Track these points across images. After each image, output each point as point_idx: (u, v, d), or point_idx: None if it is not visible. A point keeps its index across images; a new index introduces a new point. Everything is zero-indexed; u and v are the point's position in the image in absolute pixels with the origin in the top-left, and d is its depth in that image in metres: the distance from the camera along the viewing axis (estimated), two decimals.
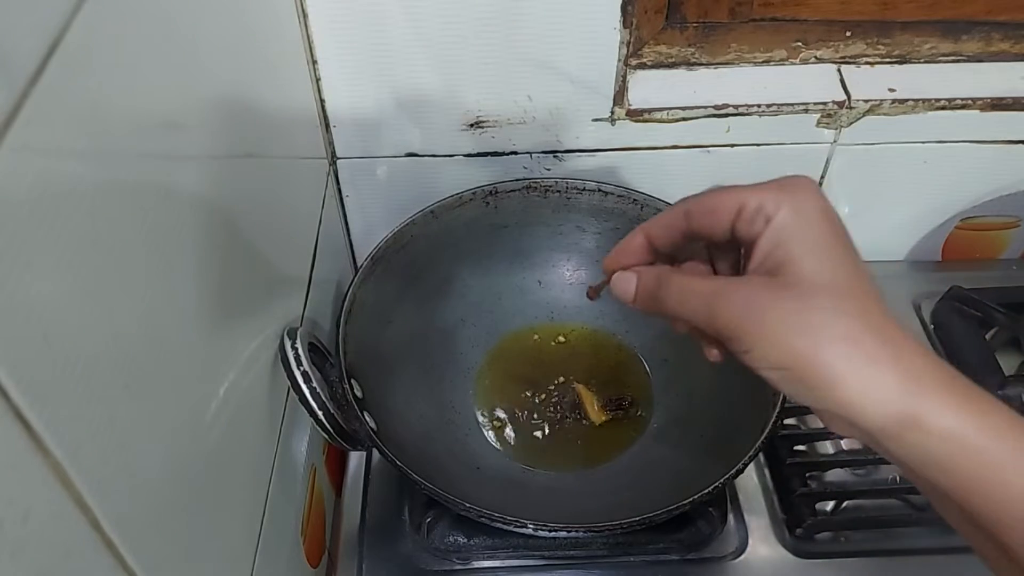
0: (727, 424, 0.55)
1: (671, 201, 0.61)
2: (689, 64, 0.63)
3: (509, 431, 0.61)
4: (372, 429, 0.50)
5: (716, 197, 0.34)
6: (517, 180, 0.63)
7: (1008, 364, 0.65)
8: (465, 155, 0.64)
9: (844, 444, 0.62)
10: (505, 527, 0.47)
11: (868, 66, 0.64)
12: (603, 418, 0.61)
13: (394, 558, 0.56)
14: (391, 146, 0.63)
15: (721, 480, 0.48)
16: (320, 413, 0.47)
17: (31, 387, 0.22)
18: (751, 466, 0.52)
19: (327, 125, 0.61)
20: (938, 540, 0.57)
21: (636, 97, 0.62)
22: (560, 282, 0.67)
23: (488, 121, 0.62)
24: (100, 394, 0.26)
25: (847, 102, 0.62)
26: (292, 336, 0.47)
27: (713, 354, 0.37)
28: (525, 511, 0.48)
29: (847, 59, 0.64)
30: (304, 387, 0.46)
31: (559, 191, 0.63)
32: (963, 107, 0.63)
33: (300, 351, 0.46)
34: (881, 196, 0.70)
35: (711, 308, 0.33)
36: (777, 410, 0.50)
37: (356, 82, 0.59)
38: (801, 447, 0.62)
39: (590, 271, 0.67)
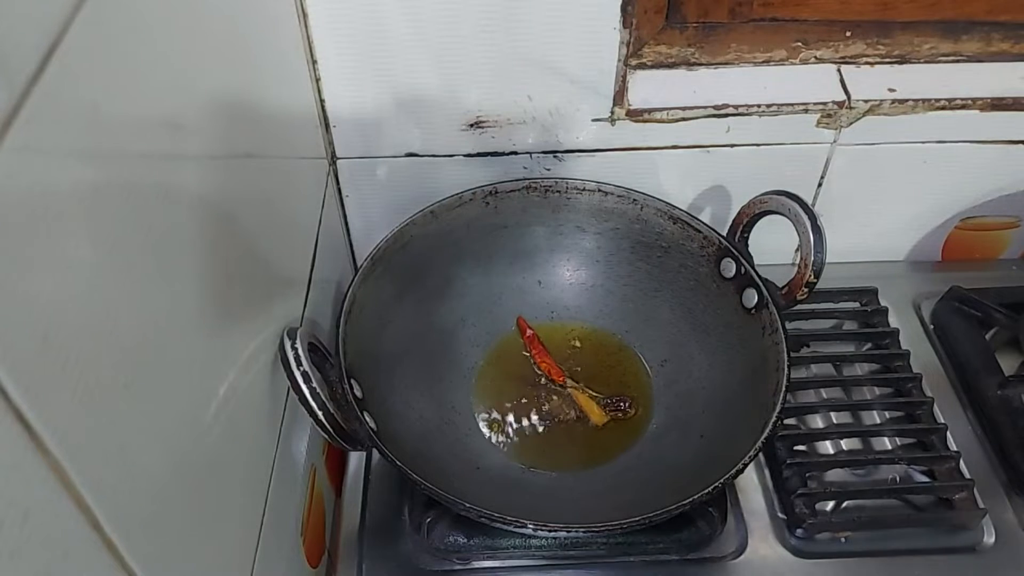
0: (727, 424, 0.55)
1: (671, 201, 0.62)
2: (689, 64, 0.63)
3: (509, 431, 0.61)
4: (372, 429, 0.50)
5: None
6: (517, 180, 0.63)
7: (1008, 364, 0.65)
8: (465, 155, 0.64)
9: (844, 444, 0.62)
10: (505, 527, 0.47)
11: (868, 66, 0.64)
12: (604, 419, 0.61)
13: (394, 558, 0.56)
14: (391, 146, 0.63)
15: (721, 480, 0.48)
16: (320, 413, 0.47)
17: (31, 387, 0.22)
18: (751, 466, 0.52)
19: (327, 125, 0.61)
20: (938, 540, 0.57)
21: (636, 97, 0.62)
22: (560, 282, 0.67)
23: (488, 121, 0.62)
24: (100, 394, 0.26)
25: (847, 102, 0.62)
26: (292, 336, 0.47)
27: None
28: (525, 511, 0.47)
29: (847, 59, 0.64)
30: (304, 387, 0.46)
31: (559, 191, 0.63)
32: (963, 107, 0.63)
33: (300, 351, 0.46)
34: (881, 196, 0.70)
35: None
36: (777, 410, 0.50)
37: (356, 82, 0.59)
38: (801, 447, 0.62)
39: (590, 271, 0.67)
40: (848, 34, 0.62)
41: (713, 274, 0.60)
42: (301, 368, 0.46)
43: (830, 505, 0.58)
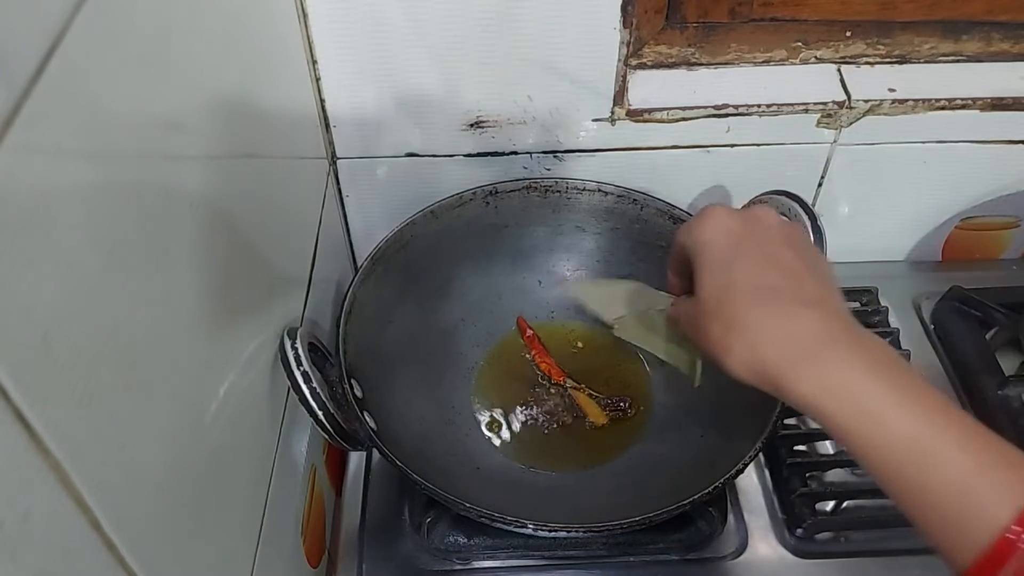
0: (727, 424, 0.55)
1: (671, 201, 0.62)
2: (689, 64, 0.63)
3: (509, 431, 0.61)
4: (372, 429, 0.50)
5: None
6: (517, 180, 0.63)
7: (1008, 364, 0.65)
8: (465, 155, 0.64)
9: None
10: (505, 527, 0.47)
11: (868, 66, 0.64)
12: (603, 419, 0.61)
13: (394, 558, 0.56)
14: (391, 146, 0.63)
15: (721, 480, 0.48)
16: (320, 413, 0.47)
17: (31, 387, 0.22)
18: (751, 466, 0.52)
19: (327, 125, 0.61)
20: None
21: (636, 97, 0.62)
22: (560, 282, 0.67)
23: (488, 121, 0.62)
24: (100, 394, 0.26)
25: (847, 102, 0.62)
26: (292, 336, 0.47)
27: None
28: (525, 511, 0.48)
29: (847, 59, 0.64)
30: (304, 387, 0.46)
31: (559, 191, 0.63)
32: (963, 107, 0.63)
33: (300, 351, 0.46)
34: (881, 196, 0.70)
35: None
36: (777, 410, 0.50)
37: (356, 82, 0.59)
38: (801, 447, 0.62)
39: (590, 271, 0.67)
40: (848, 34, 0.62)
41: None
42: (301, 368, 0.46)
43: (830, 505, 0.58)
